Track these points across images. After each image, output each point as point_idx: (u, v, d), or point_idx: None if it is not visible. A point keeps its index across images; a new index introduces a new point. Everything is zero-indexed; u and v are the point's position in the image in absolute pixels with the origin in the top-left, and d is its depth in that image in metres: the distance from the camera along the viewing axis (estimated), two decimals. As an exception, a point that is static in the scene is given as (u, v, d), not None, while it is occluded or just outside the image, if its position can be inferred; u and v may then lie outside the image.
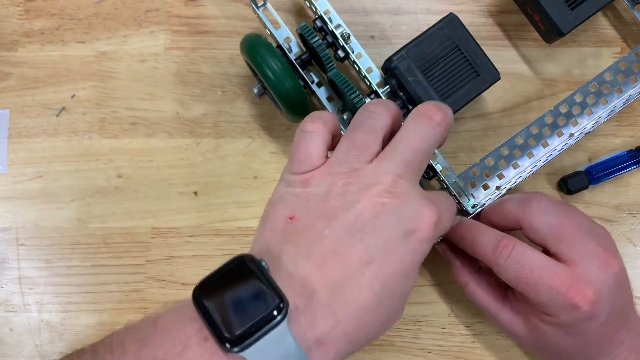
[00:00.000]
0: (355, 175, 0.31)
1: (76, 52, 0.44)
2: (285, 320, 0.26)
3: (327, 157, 0.32)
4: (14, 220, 0.43)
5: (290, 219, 0.30)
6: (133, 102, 0.43)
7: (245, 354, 0.26)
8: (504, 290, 0.38)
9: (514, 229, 0.37)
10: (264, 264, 0.28)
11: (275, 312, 0.26)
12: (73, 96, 0.43)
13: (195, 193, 0.43)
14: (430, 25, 0.39)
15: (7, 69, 0.43)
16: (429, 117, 0.32)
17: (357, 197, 0.30)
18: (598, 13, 0.42)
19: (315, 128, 0.32)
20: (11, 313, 0.42)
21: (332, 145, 0.33)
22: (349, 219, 0.29)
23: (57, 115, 0.43)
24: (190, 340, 0.27)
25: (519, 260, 0.34)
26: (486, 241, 0.36)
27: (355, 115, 0.33)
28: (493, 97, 0.44)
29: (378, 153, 0.32)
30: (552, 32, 0.40)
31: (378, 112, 0.32)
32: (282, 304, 0.26)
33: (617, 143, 0.44)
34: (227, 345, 0.26)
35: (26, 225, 0.43)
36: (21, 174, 0.43)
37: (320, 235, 0.29)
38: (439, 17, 0.39)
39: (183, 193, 0.43)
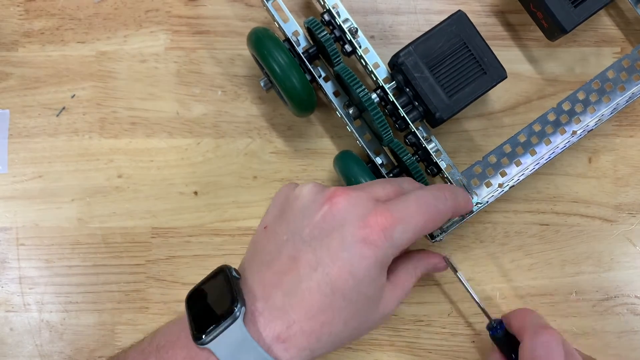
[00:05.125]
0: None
1: (76, 52, 0.44)
2: (240, 318, 0.29)
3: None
4: (14, 220, 0.43)
5: (265, 228, 0.34)
6: (133, 102, 0.43)
7: (210, 346, 0.29)
8: None
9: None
10: (234, 273, 0.32)
11: (234, 311, 0.30)
12: (73, 96, 0.43)
13: (195, 193, 0.43)
14: (438, 22, 0.38)
15: (7, 69, 0.44)
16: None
17: (317, 208, 0.32)
18: (600, 12, 0.42)
19: None
20: (11, 313, 0.42)
21: None
22: (306, 227, 0.31)
23: (58, 115, 0.43)
24: (181, 334, 0.31)
25: None
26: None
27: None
28: (495, 96, 0.43)
29: None
30: (555, 30, 0.40)
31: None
32: (236, 305, 0.30)
33: (617, 143, 0.43)
34: (197, 340, 0.30)
35: (26, 225, 0.43)
36: (21, 174, 0.43)
37: (280, 242, 0.32)
38: (439, 17, 0.39)
39: (183, 193, 0.43)
